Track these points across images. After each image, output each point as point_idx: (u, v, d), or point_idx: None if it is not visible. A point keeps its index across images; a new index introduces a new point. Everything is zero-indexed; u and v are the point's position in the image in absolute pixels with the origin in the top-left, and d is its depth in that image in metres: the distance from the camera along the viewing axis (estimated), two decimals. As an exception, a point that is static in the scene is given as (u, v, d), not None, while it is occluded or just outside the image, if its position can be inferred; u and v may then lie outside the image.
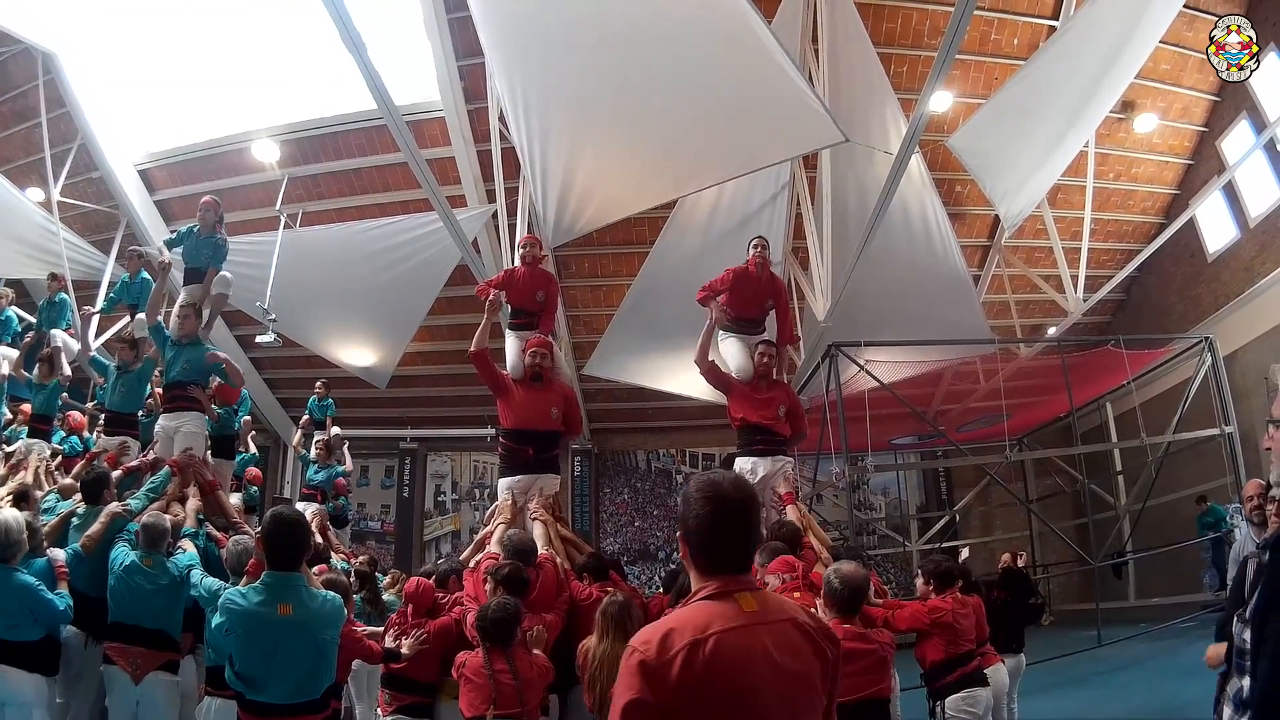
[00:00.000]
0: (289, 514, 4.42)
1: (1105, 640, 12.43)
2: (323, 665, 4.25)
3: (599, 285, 17.44)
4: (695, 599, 2.14)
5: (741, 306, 7.89)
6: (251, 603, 4.09)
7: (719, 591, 2.10)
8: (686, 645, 1.98)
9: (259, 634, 4.08)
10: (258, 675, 4.08)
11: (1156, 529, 15.69)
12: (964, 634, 5.77)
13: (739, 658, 1.98)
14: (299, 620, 4.11)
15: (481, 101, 13.41)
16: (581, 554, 6.59)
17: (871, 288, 12.89)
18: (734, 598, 2.08)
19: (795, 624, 2.10)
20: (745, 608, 2.06)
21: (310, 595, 4.25)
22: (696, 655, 1.96)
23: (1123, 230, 17.33)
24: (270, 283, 13.96)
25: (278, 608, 4.06)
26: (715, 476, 2.19)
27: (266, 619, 4.05)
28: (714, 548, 2.14)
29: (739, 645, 1.99)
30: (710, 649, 1.97)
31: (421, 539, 21.86)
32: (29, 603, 4.97)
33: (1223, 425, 13.49)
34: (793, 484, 7.11)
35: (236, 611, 4.09)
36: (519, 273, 8.21)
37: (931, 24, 13.32)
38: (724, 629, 2.00)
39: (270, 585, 4.14)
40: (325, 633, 4.25)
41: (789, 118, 8.87)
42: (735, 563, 2.14)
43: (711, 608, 2.07)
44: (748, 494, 2.17)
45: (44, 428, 10.37)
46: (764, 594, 2.15)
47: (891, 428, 16.76)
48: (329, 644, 4.28)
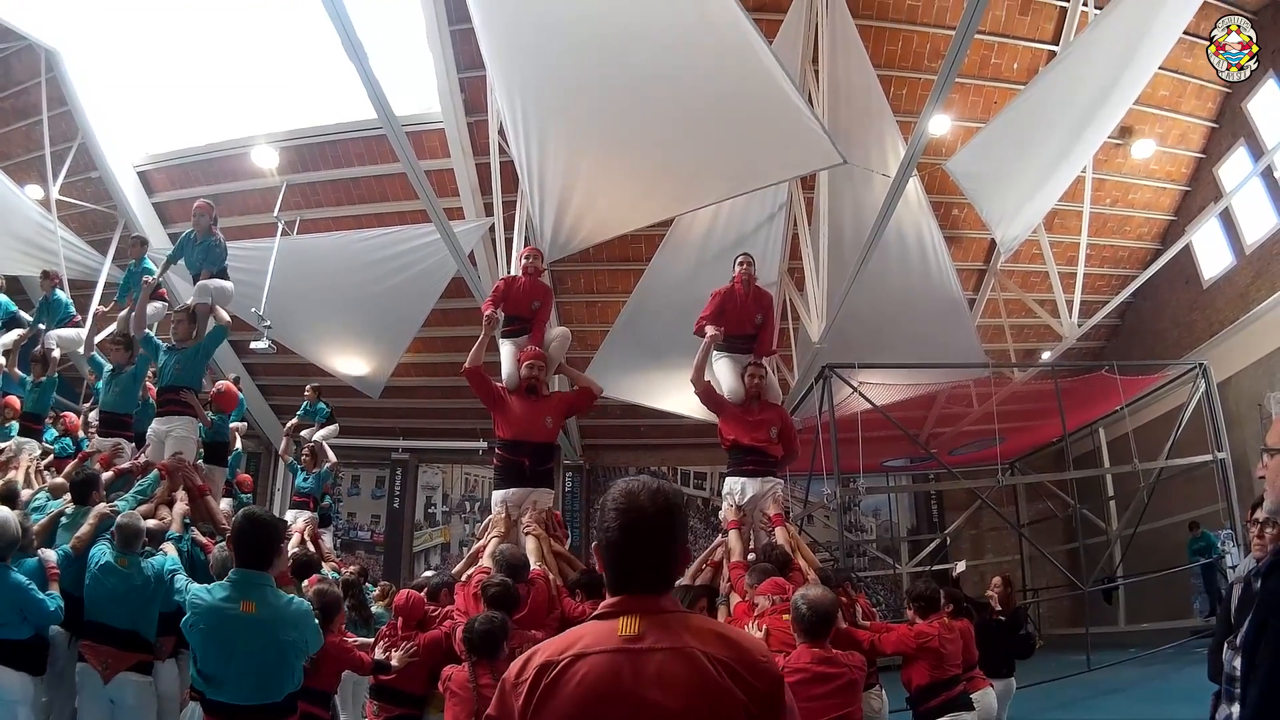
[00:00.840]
0: (261, 513, 4.42)
1: (1095, 665, 12.40)
2: (284, 667, 4.16)
3: (594, 301, 17.45)
4: (587, 618, 2.03)
5: (731, 326, 7.86)
6: (215, 598, 4.06)
7: (605, 612, 1.95)
8: (538, 667, 1.87)
9: (220, 630, 4.02)
10: (217, 673, 4.03)
11: (1148, 554, 15.68)
12: (950, 659, 5.75)
13: (590, 688, 1.81)
14: (261, 619, 4.05)
15: (481, 114, 13.45)
16: (574, 570, 6.58)
17: (866, 309, 12.90)
18: (616, 620, 1.90)
19: (686, 654, 1.82)
20: (621, 631, 1.87)
21: (275, 595, 4.19)
22: (542, 679, 1.85)
23: (1118, 256, 17.39)
24: (266, 289, 13.93)
25: (240, 605, 4.02)
26: (633, 486, 1.98)
27: (228, 615, 4.00)
28: (619, 564, 1.97)
29: (592, 672, 1.83)
30: (557, 673, 1.84)
31: (411, 550, 21.78)
32: (21, 602, 4.99)
33: (1215, 452, 13.50)
34: (782, 505, 7.10)
35: (200, 607, 4.05)
36: (520, 281, 8.22)
37: (932, 47, 13.39)
38: (583, 653, 1.86)
39: (236, 583, 4.10)
40: (288, 634, 4.15)
41: (788, 138, 8.90)
42: (643, 582, 1.95)
43: (587, 629, 1.94)
44: (665, 507, 1.95)
45: (35, 426, 10.33)
46: (662, 618, 1.90)
47: (884, 450, 16.76)
48: (291, 646, 4.17)
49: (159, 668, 5.69)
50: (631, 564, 1.96)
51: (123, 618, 5.40)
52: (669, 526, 1.96)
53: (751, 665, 1.85)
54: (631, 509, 1.93)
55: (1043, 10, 13.32)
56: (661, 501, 1.95)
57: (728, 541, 6.56)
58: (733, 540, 6.47)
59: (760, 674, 1.85)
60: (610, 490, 2.00)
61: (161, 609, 5.56)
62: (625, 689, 1.79)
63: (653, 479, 2.03)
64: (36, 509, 6.64)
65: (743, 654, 1.86)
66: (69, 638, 5.53)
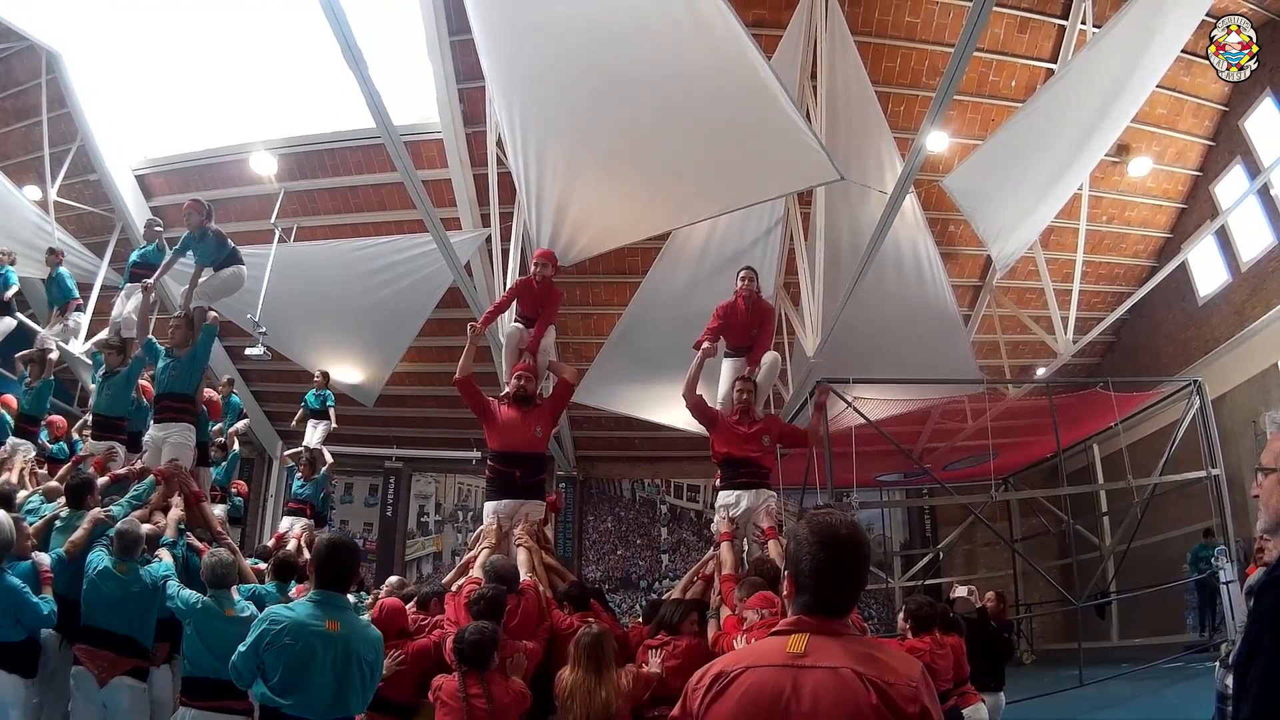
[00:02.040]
0: (343, 540, 4.61)
1: (1087, 680, 12.39)
2: (360, 686, 4.28)
3: (589, 313, 17.44)
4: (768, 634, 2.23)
5: (733, 338, 8.07)
6: (301, 614, 4.17)
7: (783, 630, 2.14)
8: (714, 675, 2.10)
9: (306, 645, 4.09)
10: (299, 684, 4.08)
11: (1141, 570, 15.66)
12: (940, 674, 5.76)
13: (749, 696, 2.01)
14: (344, 636, 4.18)
15: (480, 125, 13.49)
16: (564, 581, 6.59)
17: (862, 325, 12.90)
18: (789, 637, 2.09)
19: (841, 674, 1.98)
20: (789, 649, 2.05)
21: (353, 618, 4.38)
22: (714, 686, 2.07)
23: (1114, 273, 17.44)
24: (262, 295, 13.93)
25: (326, 623, 4.14)
26: (830, 519, 2.16)
27: (315, 631, 4.11)
28: (823, 589, 2.13)
29: (756, 684, 2.03)
30: (728, 682, 2.05)
31: (403, 559, 21.75)
32: (14, 605, 5.01)
33: (1210, 468, 13.49)
34: (775, 518, 7.10)
35: (285, 621, 4.12)
36: (532, 284, 8.55)
37: (930, 64, 13.43)
38: (753, 665, 2.07)
39: (320, 602, 4.23)
40: (367, 654, 4.30)
41: (785, 154, 8.91)
42: (839, 606, 2.14)
43: (763, 645, 2.17)
44: (861, 538, 2.17)
45: (31, 429, 10.36)
46: (831, 640, 2.07)
47: (877, 464, 16.72)
48: (369, 667, 4.32)
49: (154, 673, 5.73)
50: (835, 588, 2.14)
51: (120, 623, 5.43)
52: (866, 555, 2.20)
53: (901, 691, 1.96)
54: (835, 540, 2.12)
55: (1041, 28, 13.37)
56: (858, 533, 2.17)
57: (719, 554, 6.55)
58: (724, 553, 6.46)
59: (910, 700, 1.96)
60: (802, 524, 2.20)
61: (159, 615, 5.58)
62: (780, 702, 1.98)
63: (837, 512, 2.24)
64: (31, 512, 6.65)
65: (897, 679, 1.99)
66: (60, 640, 5.52)
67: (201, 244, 8.90)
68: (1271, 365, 13.91)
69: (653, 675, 5.11)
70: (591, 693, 4.74)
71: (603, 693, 4.75)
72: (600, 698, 4.74)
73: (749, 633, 4.88)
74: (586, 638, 4.87)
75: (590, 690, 4.75)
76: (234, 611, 5.30)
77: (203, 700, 5.10)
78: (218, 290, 9.02)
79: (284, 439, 20.58)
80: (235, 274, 9.12)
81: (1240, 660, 2.34)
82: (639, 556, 21.73)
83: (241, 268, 9.23)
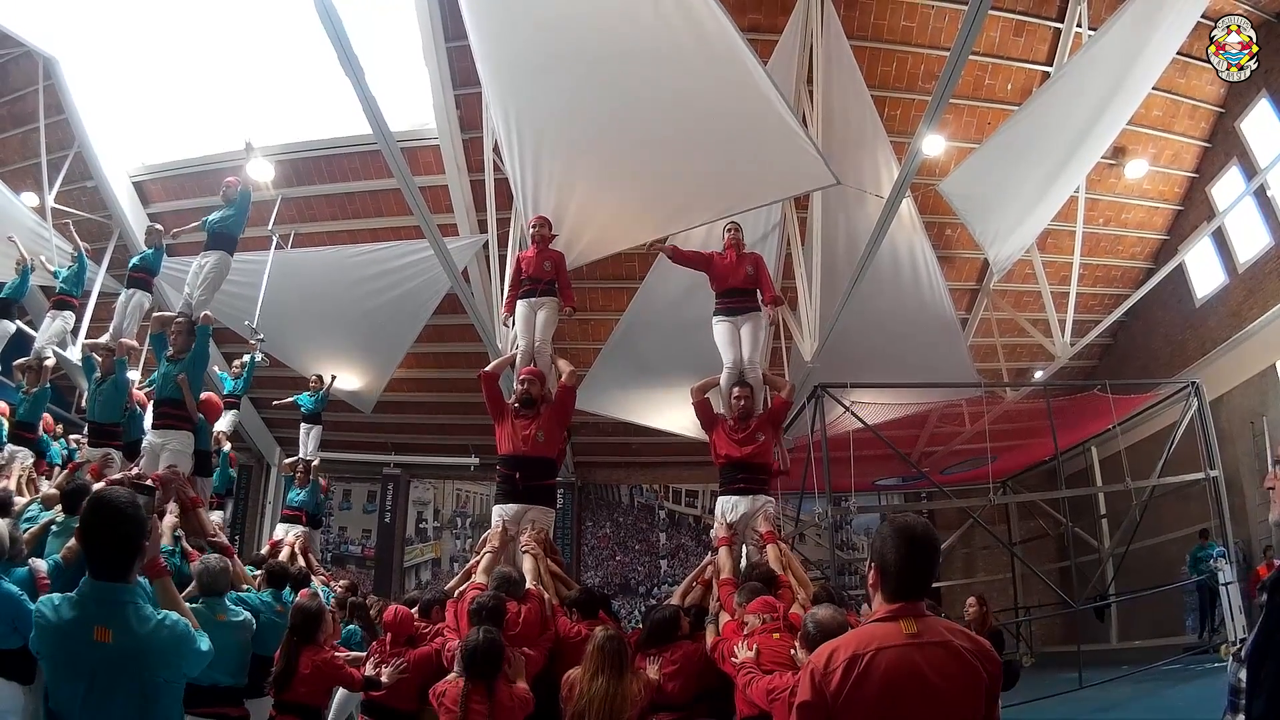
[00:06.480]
0: (114, 497, 3.14)
1: (1087, 682, 12.34)
2: (149, 716, 3.07)
3: (586, 319, 17.35)
4: (871, 620, 2.64)
5: (721, 282, 8.43)
6: (63, 617, 3.02)
7: (887, 616, 2.55)
8: (847, 659, 2.46)
9: (70, 661, 3.01)
10: (67, 715, 3.02)
11: (1140, 572, 15.67)
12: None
13: (891, 672, 2.43)
14: (120, 649, 3.00)
15: (477, 131, 13.49)
16: (569, 590, 6.57)
17: (859, 329, 12.86)
18: (898, 621, 2.52)
19: (947, 647, 2.49)
20: (905, 630, 2.49)
21: (142, 619, 3.05)
22: (854, 668, 2.44)
23: (1111, 275, 17.46)
24: (260, 302, 13.87)
25: (94, 630, 2.97)
26: (908, 521, 2.64)
27: (78, 641, 2.99)
28: (909, 579, 2.58)
29: (893, 662, 2.44)
30: (866, 663, 2.43)
31: (402, 565, 21.75)
32: (11, 612, 4.94)
33: (1208, 469, 13.49)
34: (773, 522, 7.09)
35: (44, 627, 3.04)
36: (529, 253, 8.94)
37: (926, 68, 13.45)
38: (882, 647, 2.46)
39: (86, 598, 3.05)
40: (159, 673, 3.09)
41: (782, 159, 8.89)
42: (913, 591, 2.58)
43: (877, 629, 2.54)
44: (933, 536, 2.67)
45: (28, 436, 10.36)
46: (926, 620, 2.54)
47: (876, 469, 16.74)
48: (162, 689, 3.11)
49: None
50: (917, 576, 2.60)
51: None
52: (938, 550, 2.73)
53: (986, 654, 2.55)
54: (914, 537, 2.60)
55: (1037, 31, 13.40)
56: (931, 531, 2.67)
57: (717, 559, 6.53)
58: (722, 558, 6.42)
59: (991, 660, 2.55)
60: (886, 525, 2.69)
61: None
62: (918, 673, 2.44)
63: (913, 515, 2.79)
64: (29, 519, 6.64)
65: (980, 645, 2.57)
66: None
67: (240, 199, 9.62)
68: (1269, 366, 13.94)
69: (653, 682, 5.08)
70: (610, 696, 4.68)
71: (621, 697, 4.70)
72: (618, 702, 4.68)
73: (750, 637, 4.85)
74: (611, 642, 4.80)
75: (615, 696, 4.70)
76: (225, 616, 5.25)
77: (197, 708, 5.06)
78: (214, 282, 9.12)
79: (282, 446, 20.58)
80: (222, 259, 9.36)
81: (1253, 654, 2.34)
82: (638, 562, 21.73)
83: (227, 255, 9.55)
